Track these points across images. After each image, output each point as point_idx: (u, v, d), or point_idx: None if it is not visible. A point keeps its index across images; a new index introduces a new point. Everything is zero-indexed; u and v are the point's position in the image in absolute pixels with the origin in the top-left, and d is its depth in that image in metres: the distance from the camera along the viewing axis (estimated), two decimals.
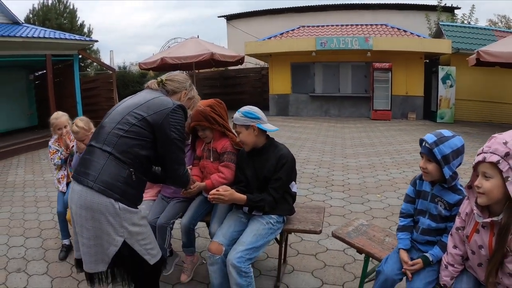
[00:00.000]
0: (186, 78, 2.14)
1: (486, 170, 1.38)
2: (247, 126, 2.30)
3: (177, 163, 1.96)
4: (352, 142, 8.68)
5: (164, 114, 1.83)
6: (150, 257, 1.84)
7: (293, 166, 2.37)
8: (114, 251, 1.73)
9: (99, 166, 1.72)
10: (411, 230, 1.95)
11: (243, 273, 2.07)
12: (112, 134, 1.78)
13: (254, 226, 2.26)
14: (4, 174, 7.03)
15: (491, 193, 1.37)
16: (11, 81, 10.91)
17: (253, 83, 16.94)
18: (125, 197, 1.73)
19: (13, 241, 3.83)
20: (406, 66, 12.82)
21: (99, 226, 1.69)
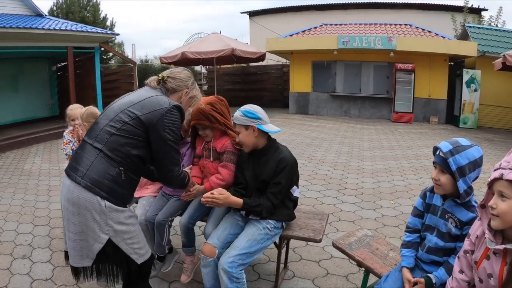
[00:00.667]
0: (188, 76, 2.08)
1: (503, 189, 1.19)
2: (246, 126, 2.19)
3: (171, 163, 1.91)
4: (370, 144, 8.46)
5: (159, 114, 1.79)
6: (138, 257, 1.81)
7: (294, 170, 2.25)
8: (98, 248, 1.71)
9: (88, 163, 1.71)
10: (417, 247, 1.79)
11: (234, 279, 1.99)
12: (104, 131, 1.76)
13: (249, 231, 2.17)
14: (22, 162, 7.20)
15: (507, 216, 1.18)
16: (34, 71, 11.20)
17: (274, 80, 16.80)
18: (112, 195, 1.70)
19: (22, 228, 3.91)
20: (430, 68, 12.42)
21: (85, 222, 1.68)
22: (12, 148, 8.36)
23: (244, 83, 17.34)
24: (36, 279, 2.87)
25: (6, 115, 10.24)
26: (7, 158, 7.57)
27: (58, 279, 2.86)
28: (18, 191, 5.24)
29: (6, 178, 5.99)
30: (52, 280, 2.85)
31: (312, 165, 6.29)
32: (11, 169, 6.59)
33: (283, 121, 12.05)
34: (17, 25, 8.17)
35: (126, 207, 1.79)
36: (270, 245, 2.37)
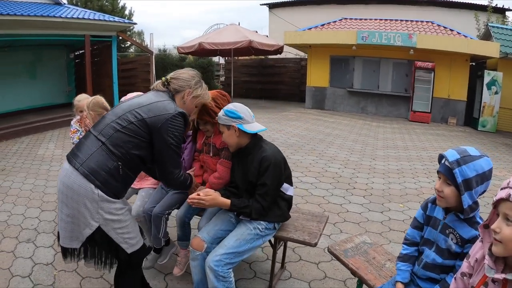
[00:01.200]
0: (192, 76, 2.11)
1: (509, 212, 1.05)
2: (228, 126, 2.14)
3: (172, 166, 1.98)
4: (384, 143, 8.28)
5: (163, 119, 1.86)
6: (128, 246, 1.87)
7: (280, 168, 2.14)
8: (88, 233, 1.79)
9: (90, 152, 1.78)
10: (414, 262, 1.67)
11: (220, 277, 1.97)
12: (110, 127, 1.84)
13: (239, 230, 2.14)
14: (36, 147, 7.35)
15: (510, 243, 1.05)
16: (52, 58, 11.38)
17: (292, 74, 16.61)
18: (105, 186, 1.76)
19: (30, 212, 4.00)
20: (450, 67, 12.00)
21: (77, 207, 1.75)
22: (28, 133, 8.55)
23: (261, 75, 17.21)
24: (37, 263, 2.94)
25: (24, 101, 10.45)
26: (22, 143, 7.75)
27: (58, 264, 2.92)
28: (29, 176, 5.35)
29: (19, 163, 6.13)
30: (53, 265, 2.91)
31: (322, 162, 6.19)
32: (25, 154, 6.74)
33: (298, 116, 11.93)
34: (35, 13, 8.27)
35: (118, 200, 1.84)
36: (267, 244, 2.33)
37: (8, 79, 9.94)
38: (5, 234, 3.48)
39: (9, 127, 8.39)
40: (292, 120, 10.91)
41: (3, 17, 7.58)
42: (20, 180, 5.14)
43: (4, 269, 2.85)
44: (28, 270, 2.83)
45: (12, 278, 2.71)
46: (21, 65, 10.44)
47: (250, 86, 17.39)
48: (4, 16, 7.58)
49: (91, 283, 2.65)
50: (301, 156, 6.57)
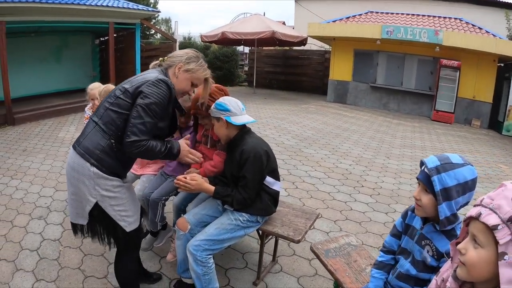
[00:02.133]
0: (186, 53, 2.10)
1: (477, 233, 0.92)
2: (218, 118, 2.20)
3: (130, 130, 1.79)
4: (402, 141, 8.11)
5: (141, 84, 1.88)
6: (126, 224, 1.94)
7: (260, 162, 2.14)
8: (88, 209, 1.88)
9: (86, 134, 1.90)
10: (389, 270, 1.61)
11: (199, 262, 2.05)
12: (102, 107, 1.92)
13: (221, 219, 2.21)
14: (58, 130, 7.64)
15: (475, 268, 0.92)
16: (78, 44, 11.68)
17: (315, 66, 16.40)
18: (100, 163, 1.84)
19: (44, 192, 4.21)
20: (477, 67, 11.51)
21: (77, 184, 1.86)
22: (51, 116, 8.88)
23: (284, 66, 17.11)
24: (46, 238, 3.13)
25: (50, 85, 10.81)
26: (45, 125, 8.07)
27: (64, 240, 3.10)
28: (48, 157, 5.59)
29: (40, 144, 6.41)
30: (59, 241, 3.09)
31: (334, 158, 6.15)
32: (46, 136, 7.03)
33: (318, 109, 11.83)
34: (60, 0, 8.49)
35: (115, 177, 1.90)
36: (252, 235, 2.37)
37: (35, 64, 10.29)
38: (20, 210, 3.70)
39: (34, 110, 8.74)
40: (311, 113, 10.84)
41: (29, 4, 7.85)
42: (39, 161, 5.39)
43: (15, 242, 3.06)
44: (37, 244, 3.02)
45: (21, 251, 2.91)
46: (48, 50, 10.78)
47: (273, 76, 17.32)
48: (30, 4, 7.85)
49: (91, 260, 2.80)
50: (314, 150, 6.55)
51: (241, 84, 18.63)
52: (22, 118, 8.30)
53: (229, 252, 2.94)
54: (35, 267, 2.69)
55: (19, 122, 8.16)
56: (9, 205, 3.83)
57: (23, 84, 9.71)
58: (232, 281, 2.59)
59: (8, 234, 3.20)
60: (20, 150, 5.95)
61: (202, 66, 2.11)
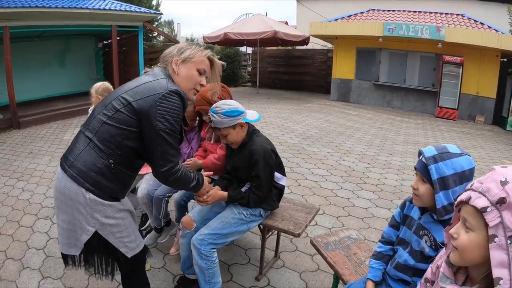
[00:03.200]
0: (175, 46, 1.85)
1: (467, 216, 0.93)
2: (234, 126, 2.14)
3: (163, 158, 1.65)
4: (405, 138, 8.10)
5: (151, 100, 1.59)
6: (128, 250, 1.73)
7: (270, 159, 2.17)
8: (85, 239, 1.65)
9: (77, 152, 1.62)
10: (388, 260, 1.61)
11: (203, 256, 2.08)
12: (96, 120, 1.64)
13: (225, 213, 2.24)
14: (62, 132, 7.73)
15: (466, 251, 0.94)
16: (81, 47, 11.81)
17: (318, 65, 16.43)
18: (97, 188, 1.59)
19: (50, 192, 4.27)
20: (480, 63, 11.45)
21: (71, 212, 1.62)
22: (56, 119, 8.97)
23: (287, 66, 17.15)
24: (52, 237, 3.18)
25: (54, 88, 10.94)
26: (50, 128, 8.16)
27: None
28: (54, 159, 5.66)
29: (46, 147, 6.49)
30: None
31: (337, 155, 6.16)
32: (51, 139, 7.12)
33: (321, 108, 11.84)
34: (63, 5, 8.61)
35: (116, 201, 1.67)
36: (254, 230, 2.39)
37: (38, 68, 10.42)
38: (26, 211, 3.76)
39: (39, 113, 8.84)
40: (315, 112, 10.86)
41: (32, 9, 7.95)
42: (45, 163, 5.46)
43: (22, 241, 3.12)
44: (43, 243, 3.08)
45: (28, 250, 2.97)
46: (51, 54, 10.91)
47: (277, 76, 17.36)
48: (33, 8, 7.95)
49: None
50: (317, 148, 6.57)
51: (245, 84, 18.69)
52: (27, 121, 8.40)
53: (232, 248, 2.98)
54: (42, 265, 2.74)
55: (25, 126, 8.26)
56: (16, 206, 3.90)
57: (28, 88, 9.83)
58: (235, 276, 2.62)
59: (15, 234, 3.26)
60: (26, 153, 6.03)
61: (198, 50, 1.84)
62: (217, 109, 2.10)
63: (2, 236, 3.23)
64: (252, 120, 2.21)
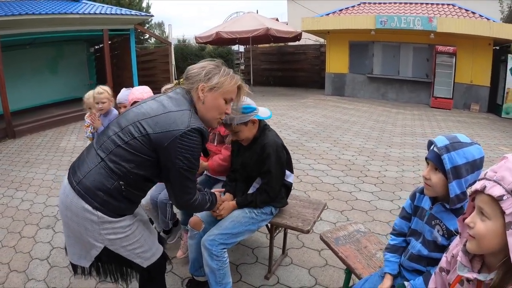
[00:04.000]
0: (202, 67, 1.69)
1: (483, 205, 0.95)
2: (246, 123, 2.12)
3: (182, 191, 1.65)
4: (402, 130, 8.12)
5: (171, 136, 1.52)
6: (142, 260, 1.68)
7: (281, 155, 2.17)
8: (95, 254, 1.61)
9: (87, 169, 1.56)
10: (402, 252, 1.62)
11: (214, 256, 2.06)
12: (111, 140, 1.58)
13: (235, 213, 2.21)
14: (58, 139, 7.67)
15: (483, 239, 0.94)
16: (73, 53, 11.73)
17: (311, 61, 16.42)
18: (106, 207, 1.55)
19: (50, 201, 4.22)
20: (473, 51, 11.50)
21: (78, 228, 1.57)
22: (52, 126, 8.90)
23: (281, 62, 17.14)
24: (55, 247, 3.14)
25: (47, 96, 10.86)
26: (46, 136, 8.10)
27: None
28: (51, 167, 5.61)
29: (43, 155, 6.43)
30: None
31: (336, 150, 6.16)
32: (48, 147, 7.06)
33: (316, 103, 11.85)
34: (53, 11, 8.52)
35: (124, 217, 1.62)
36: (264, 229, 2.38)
37: (31, 75, 10.34)
38: (27, 221, 3.71)
39: (33, 122, 8.77)
40: (310, 107, 10.86)
41: (23, 17, 7.86)
42: (43, 171, 5.41)
43: (24, 253, 3.06)
44: (47, 253, 3.03)
45: (31, 261, 2.92)
46: (43, 61, 10.83)
47: (270, 73, 17.34)
48: (24, 16, 7.87)
49: None
50: (316, 143, 6.56)
51: None
52: (22, 130, 8.31)
53: (238, 248, 2.96)
54: (47, 276, 2.70)
55: (20, 135, 8.18)
56: (16, 216, 3.84)
57: (21, 96, 9.73)
58: (244, 276, 2.60)
59: (17, 245, 3.20)
60: (23, 162, 5.97)
61: (228, 75, 1.69)
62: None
63: (4, 248, 3.18)
64: (264, 117, 2.20)
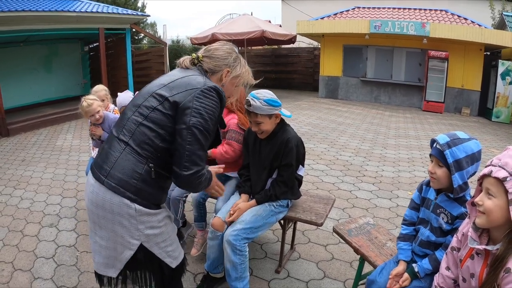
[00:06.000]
0: (228, 52, 1.72)
1: (490, 186, 1.16)
2: (270, 115, 2.19)
3: (190, 160, 1.47)
4: (396, 132, 8.26)
5: (188, 95, 1.49)
6: (171, 260, 1.63)
7: (301, 150, 2.28)
8: (129, 255, 1.52)
9: (113, 159, 1.48)
10: (412, 240, 1.78)
11: (237, 251, 2.10)
12: (131, 121, 1.51)
13: (256, 207, 2.27)
14: (54, 138, 7.60)
15: (491, 214, 1.16)
16: (67, 52, 11.61)
17: (305, 63, 16.55)
18: (140, 197, 1.47)
19: (51, 199, 4.18)
20: (464, 57, 11.78)
21: (112, 227, 1.49)
22: (46, 125, 8.81)
23: (274, 65, 17.24)
24: (60, 245, 3.11)
25: (41, 94, 10.72)
26: (41, 135, 8.01)
27: (80, 246, 3.09)
28: (49, 165, 5.56)
29: (39, 153, 6.36)
30: (75, 247, 3.07)
31: (334, 151, 6.25)
32: (43, 145, 6.98)
33: (311, 105, 11.96)
34: (49, 8, 8.44)
35: (159, 208, 1.57)
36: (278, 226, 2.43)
37: (24, 73, 10.21)
38: (29, 219, 3.66)
39: (27, 120, 8.65)
40: (305, 109, 10.96)
41: (18, 13, 7.77)
42: (41, 169, 5.36)
43: (28, 251, 3.03)
44: (52, 252, 3.01)
45: (36, 260, 2.88)
46: (37, 59, 10.70)
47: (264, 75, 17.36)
48: (19, 12, 7.77)
49: None
50: (313, 144, 6.64)
51: None
52: (16, 128, 8.20)
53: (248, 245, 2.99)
54: (54, 274, 2.67)
55: (14, 133, 8.07)
56: (16, 215, 3.79)
57: (14, 94, 9.61)
58: (255, 270, 2.66)
59: (20, 244, 3.16)
60: (19, 160, 5.90)
61: (245, 66, 1.78)
62: (258, 95, 2.16)
63: (6, 247, 3.13)
64: (286, 115, 2.28)
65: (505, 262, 1.12)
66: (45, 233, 3.36)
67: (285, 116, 2.29)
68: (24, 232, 3.40)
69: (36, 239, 3.24)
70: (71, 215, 3.74)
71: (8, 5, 7.98)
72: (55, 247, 3.08)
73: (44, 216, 3.74)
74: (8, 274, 2.72)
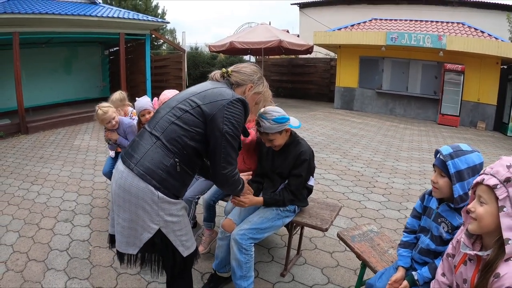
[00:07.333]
0: (254, 71, 1.96)
1: (482, 193, 1.22)
2: (280, 131, 2.29)
3: (226, 161, 1.74)
4: (409, 145, 8.20)
5: (220, 105, 1.70)
6: (184, 249, 1.77)
7: (312, 163, 2.36)
8: (147, 237, 1.68)
9: (144, 150, 1.68)
10: (413, 248, 1.82)
11: (243, 250, 2.17)
12: (164, 120, 1.72)
13: (263, 209, 2.36)
14: (72, 138, 7.82)
15: (482, 220, 1.20)
16: (88, 55, 11.98)
17: (321, 74, 16.54)
18: (164, 186, 1.65)
19: (67, 196, 4.33)
20: (480, 70, 11.63)
21: (135, 210, 1.65)
22: (64, 125, 9.08)
23: (291, 74, 17.28)
24: (75, 239, 3.23)
25: (60, 95, 11.08)
26: (59, 134, 8.26)
27: (94, 241, 3.20)
28: (66, 164, 5.74)
29: (57, 152, 6.57)
30: (89, 242, 3.19)
31: (346, 161, 6.26)
32: (61, 144, 7.20)
33: (326, 115, 11.97)
34: (72, 12, 8.75)
35: (178, 199, 1.74)
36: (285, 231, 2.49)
37: (45, 74, 10.57)
38: (45, 214, 3.81)
39: (46, 119, 8.95)
40: (320, 120, 10.98)
41: (42, 16, 8.08)
42: (58, 167, 5.53)
43: (43, 243, 3.16)
44: (66, 245, 3.13)
45: (50, 252, 3.01)
46: (58, 61, 11.07)
47: (280, 85, 17.46)
48: (43, 15, 8.09)
49: None
50: (326, 154, 6.66)
51: None
52: (35, 127, 8.48)
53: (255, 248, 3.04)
54: (67, 266, 2.78)
55: (33, 131, 8.34)
56: (32, 209, 3.95)
57: (35, 94, 9.95)
58: (261, 273, 2.71)
59: (35, 236, 3.30)
60: (37, 157, 6.10)
61: (267, 88, 2.00)
62: (267, 115, 2.24)
63: (22, 238, 3.27)
64: (294, 126, 2.37)
65: (495, 267, 1.16)
66: (60, 227, 3.49)
67: (294, 127, 2.37)
68: (40, 225, 3.54)
69: (51, 232, 3.37)
70: (86, 211, 3.87)
71: (32, 7, 8.30)
72: (69, 241, 3.20)
73: (60, 211, 3.88)
74: (22, 263, 2.84)
